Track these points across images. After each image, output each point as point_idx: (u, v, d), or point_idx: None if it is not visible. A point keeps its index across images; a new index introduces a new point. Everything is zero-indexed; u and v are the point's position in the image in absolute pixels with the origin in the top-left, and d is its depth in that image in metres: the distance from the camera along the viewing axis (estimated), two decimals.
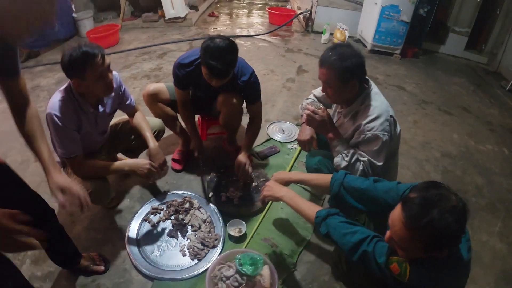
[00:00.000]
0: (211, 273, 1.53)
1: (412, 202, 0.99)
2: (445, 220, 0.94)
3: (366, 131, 1.49)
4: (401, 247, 1.05)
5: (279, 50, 4.48)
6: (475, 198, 2.33)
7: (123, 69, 3.79)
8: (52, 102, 1.52)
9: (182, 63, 1.94)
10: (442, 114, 3.29)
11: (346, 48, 1.52)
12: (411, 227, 0.98)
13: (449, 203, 0.96)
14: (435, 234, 0.96)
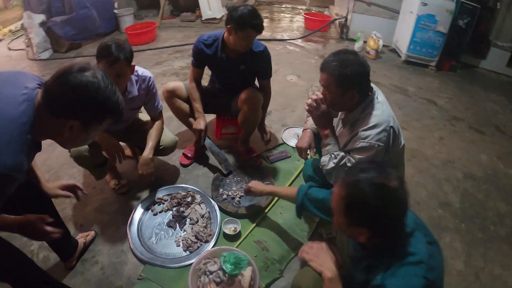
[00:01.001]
0: (196, 266, 1.59)
1: (353, 165, 1.03)
2: (366, 188, 0.93)
3: (361, 139, 1.45)
4: (334, 209, 1.05)
5: (309, 56, 4.46)
6: (495, 226, 2.17)
7: (155, 65, 3.98)
8: None
9: (201, 39, 2.17)
10: (473, 132, 3.11)
11: (350, 55, 1.47)
12: (342, 182, 1.00)
13: (382, 179, 0.94)
14: (353, 197, 0.96)
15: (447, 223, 2.15)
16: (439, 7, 3.79)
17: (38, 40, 4.17)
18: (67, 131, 1.02)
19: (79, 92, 0.97)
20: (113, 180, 2.20)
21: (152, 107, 2.04)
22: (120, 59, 1.66)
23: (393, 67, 4.20)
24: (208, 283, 1.52)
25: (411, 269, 0.95)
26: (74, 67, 1.00)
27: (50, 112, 0.99)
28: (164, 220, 1.97)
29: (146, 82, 1.94)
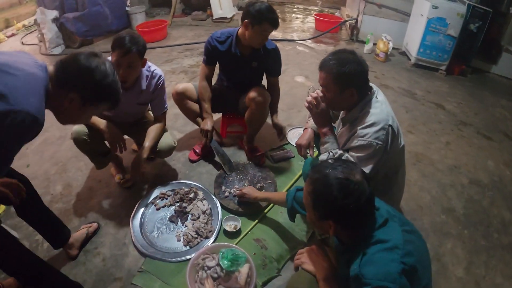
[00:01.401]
0: (194, 261, 1.61)
1: (320, 163, 1.11)
2: (330, 182, 1.01)
3: (359, 137, 1.45)
4: (305, 206, 1.13)
5: (318, 57, 4.44)
6: (498, 234, 2.14)
7: (165, 63, 4.03)
8: None
9: (215, 36, 2.23)
10: (480, 138, 3.06)
11: (348, 54, 1.49)
12: (308, 179, 1.09)
13: (346, 174, 1.01)
14: (318, 191, 1.04)
15: (449, 229, 2.13)
16: (450, 11, 3.74)
17: (50, 35, 4.26)
18: (66, 103, 1.14)
19: (85, 71, 1.13)
20: (118, 174, 2.25)
21: (157, 105, 2.07)
22: (132, 50, 1.73)
23: (403, 70, 4.17)
24: (205, 278, 1.55)
25: (387, 255, 0.98)
26: (87, 51, 1.18)
27: (57, 83, 1.13)
28: (166, 215, 2.01)
29: (156, 79, 1.98)
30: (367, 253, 1.00)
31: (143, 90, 1.95)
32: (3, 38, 4.97)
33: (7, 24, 5.42)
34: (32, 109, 1.00)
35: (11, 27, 5.40)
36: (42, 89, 1.08)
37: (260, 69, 2.31)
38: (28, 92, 1.02)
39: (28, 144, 2.64)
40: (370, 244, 1.02)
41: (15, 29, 5.33)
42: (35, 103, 1.03)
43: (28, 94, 1.02)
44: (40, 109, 1.04)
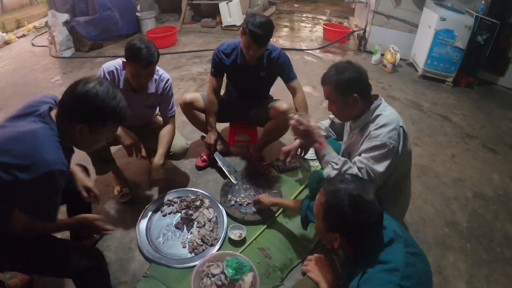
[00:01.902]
0: (199, 268, 1.65)
1: (338, 177, 1.15)
2: (342, 198, 1.04)
3: (373, 138, 1.48)
4: (315, 214, 1.16)
5: (326, 67, 4.30)
6: (501, 248, 2.14)
7: (174, 69, 4.09)
8: (110, 63, 1.97)
9: (221, 49, 2.24)
10: (486, 151, 3.06)
11: (344, 63, 1.56)
12: (323, 190, 1.12)
13: (360, 192, 1.04)
14: (330, 204, 1.07)
15: (452, 242, 2.13)
16: (457, 23, 3.76)
17: (61, 38, 4.35)
18: (78, 134, 1.19)
19: (80, 99, 1.16)
20: (117, 186, 2.25)
21: (165, 109, 2.12)
22: (153, 62, 1.83)
23: (409, 82, 4.19)
24: (209, 285, 1.58)
25: (385, 276, 1.00)
26: (81, 80, 1.19)
27: (65, 120, 1.18)
28: (172, 222, 2.04)
29: (163, 82, 2.05)
30: (367, 272, 1.03)
31: (152, 93, 2.01)
32: (14, 39, 5.06)
33: (18, 24, 5.51)
34: (54, 166, 1.08)
35: (22, 28, 5.49)
36: (52, 137, 1.15)
37: (269, 79, 2.33)
38: (42, 151, 1.09)
39: None
40: (372, 263, 1.05)
41: (26, 30, 5.42)
42: (54, 157, 1.10)
43: (45, 153, 1.09)
44: (60, 159, 1.12)
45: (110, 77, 1.95)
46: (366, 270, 1.04)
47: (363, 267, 1.05)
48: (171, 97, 2.11)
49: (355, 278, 1.05)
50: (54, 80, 3.88)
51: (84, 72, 4.04)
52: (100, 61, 4.24)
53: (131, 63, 1.82)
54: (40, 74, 4.02)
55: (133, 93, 2.00)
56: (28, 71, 4.11)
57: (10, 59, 4.50)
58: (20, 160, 1.06)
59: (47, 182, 1.09)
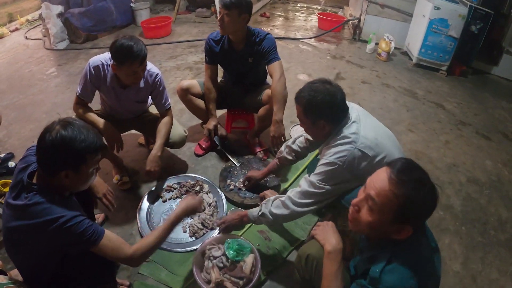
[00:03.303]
0: (201, 251, 1.67)
1: (397, 160, 1.03)
2: (421, 188, 0.96)
3: (324, 156, 1.51)
4: (376, 206, 1.01)
5: (321, 55, 4.50)
6: (495, 231, 2.19)
7: (169, 59, 4.08)
8: (97, 57, 1.92)
9: (211, 37, 2.27)
10: (479, 138, 3.11)
11: (320, 84, 1.50)
12: (394, 179, 0.97)
13: (429, 181, 0.99)
14: (410, 197, 0.95)
15: (447, 225, 2.18)
16: (451, 12, 3.79)
17: (55, 30, 4.29)
18: (66, 180, 1.18)
19: (50, 150, 1.13)
20: (116, 175, 2.26)
21: (159, 103, 2.11)
22: (146, 54, 1.80)
23: (404, 70, 4.22)
24: (211, 267, 1.60)
25: (408, 272, 0.99)
26: (44, 132, 1.16)
27: (49, 174, 1.17)
28: (172, 207, 2.06)
29: (153, 77, 2.02)
30: (393, 262, 1.00)
31: (141, 88, 2.00)
32: (7, 33, 4.98)
33: (10, 18, 5.42)
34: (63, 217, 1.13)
35: (15, 22, 5.40)
36: (45, 210, 1.14)
37: (258, 64, 2.32)
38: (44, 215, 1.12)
39: (34, 138, 2.71)
40: (400, 257, 1.02)
41: (19, 23, 5.34)
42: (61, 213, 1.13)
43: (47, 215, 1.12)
44: (60, 211, 1.14)
45: (95, 72, 1.90)
46: (391, 260, 1.01)
47: (389, 255, 1.02)
48: (163, 91, 2.09)
49: (378, 264, 1.02)
50: (49, 72, 3.85)
51: (80, 64, 4.01)
52: (95, 52, 4.17)
53: (126, 63, 1.76)
54: (34, 67, 3.98)
55: (122, 90, 1.98)
56: (22, 64, 4.07)
57: (4, 53, 4.44)
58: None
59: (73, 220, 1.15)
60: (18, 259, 1.28)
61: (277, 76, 2.13)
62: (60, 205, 1.16)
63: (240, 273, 1.56)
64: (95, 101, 2.06)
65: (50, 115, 3.03)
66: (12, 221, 1.15)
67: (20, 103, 3.29)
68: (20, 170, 1.25)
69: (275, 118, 2.11)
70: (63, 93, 3.43)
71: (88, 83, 1.91)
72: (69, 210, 1.16)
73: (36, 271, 1.26)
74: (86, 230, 1.17)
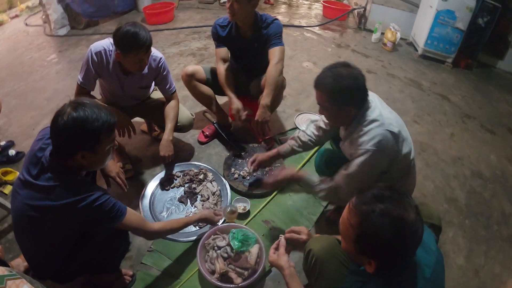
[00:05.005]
0: (205, 240, 1.65)
1: (371, 190, 0.94)
2: (381, 221, 0.87)
3: (358, 146, 1.44)
4: (341, 232, 0.99)
5: (326, 44, 4.43)
6: (498, 226, 2.18)
7: (172, 45, 4.01)
8: (98, 43, 1.86)
9: (217, 22, 2.22)
10: (484, 131, 3.09)
11: (342, 68, 1.43)
12: (353, 209, 0.93)
13: (400, 212, 0.87)
14: (366, 229, 0.89)
15: (451, 218, 2.18)
16: (459, 4, 3.72)
17: (56, 16, 4.20)
18: (83, 161, 1.19)
19: (65, 133, 1.13)
20: (118, 163, 2.21)
21: (164, 88, 2.08)
22: (151, 42, 1.76)
23: (409, 61, 4.17)
24: (215, 257, 1.58)
25: None
26: (56, 115, 1.15)
27: (66, 156, 1.18)
28: (176, 196, 2.04)
29: (156, 62, 1.98)
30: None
31: (145, 74, 1.95)
32: (7, 20, 4.91)
33: (10, 5, 5.33)
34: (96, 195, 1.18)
35: (15, 9, 5.31)
36: (72, 190, 1.16)
37: (263, 49, 2.23)
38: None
39: (35, 126, 2.67)
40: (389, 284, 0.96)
41: (19, 10, 5.25)
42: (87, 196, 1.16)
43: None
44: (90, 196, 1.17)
45: (97, 58, 1.84)
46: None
47: (379, 283, 0.96)
48: (167, 75, 2.06)
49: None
50: (50, 59, 3.79)
51: (81, 50, 3.94)
52: (97, 38, 4.10)
53: (132, 52, 1.72)
54: (35, 54, 3.92)
55: (125, 76, 1.93)
56: (23, 51, 4.01)
57: (4, 40, 4.37)
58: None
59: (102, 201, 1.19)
60: (29, 242, 1.27)
61: (275, 61, 2.07)
62: (84, 185, 1.19)
63: (245, 263, 1.55)
64: (95, 90, 2.01)
65: (51, 102, 2.99)
66: (36, 201, 1.15)
67: (21, 90, 3.23)
68: (38, 149, 1.24)
69: (262, 102, 2.05)
70: (64, 79, 3.38)
71: (90, 71, 1.86)
72: (94, 188, 1.20)
73: (47, 255, 1.26)
74: (114, 206, 1.22)
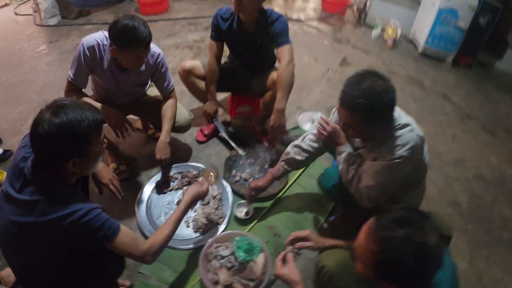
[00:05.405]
0: (207, 249, 1.58)
1: (390, 213, 0.90)
2: (404, 246, 0.83)
3: (389, 151, 1.36)
4: (358, 257, 0.95)
5: (326, 38, 4.34)
6: (499, 230, 2.18)
7: (168, 37, 3.87)
8: (91, 37, 1.71)
9: (219, 13, 2.10)
10: (484, 133, 3.07)
11: (373, 80, 1.27)
12: (372, 234, 0.89)
13: (423, 236, 0.84)
14: (387, 256, 0.85)
15: (454, 223, 2.15)
16: (462, 2, 3.68)
17: (46, 5, 4.02)
18: (75, 169, 1.07)
19: (47, 143, 1.00)
20: (112, 163, 2.10)
21: (162, 86, 1.96)
22: (151, 38, 1.64)
23: (410, 58, 4.11)
24: (218, 267, 1.51)
25: None
26: (35, 122, 1.01)
27: (53, 167, 1.05)
28: (173, 199, 1.95)
29: (154, 58, 1.85)
30: None
31: (142, 71, 1.84)
32: None
33: None
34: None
35: None
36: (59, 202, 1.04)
37: (266, 46, 2.17)
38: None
39: (23, 121, 2.53)
40: None
41: None
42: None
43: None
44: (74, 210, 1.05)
45: (90, 53, 1.70)
46: None
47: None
48: (166, 71, 1.94)
49: None
50: (40, 50, 3.61)
51: (72, 40, 3.76)
52: (89, 29, 3.96)
53: (130, 48, 1.59)
54: (24, 44, 3.74)
55: (120, 73, 1.81)
56: (11, 41, 3.82)
57: None
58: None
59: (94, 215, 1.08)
60: (16, 257, 1.17)
61: (286, 61, 2.00)
62: (72, 197, 1.06)
63: (250, 274, 1.48)
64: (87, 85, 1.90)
65: (40, 96, 2.84)
66: (19, 217, 1.04)
67: (9, 82, 3.08)
68: (21, 159, 1.11)
69: (277, 106, 2.00)
70: (55, 71, 3.22)
71: (82, 67, 1.72)
72: (82, 201, 1.07)
73: (35, 273, 1.16)
74: (104, 224, 1.08)
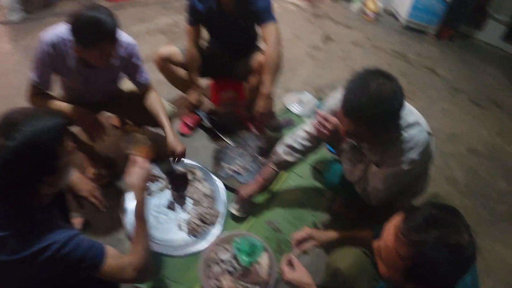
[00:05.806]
0: (207, 255, 1.44)
1: (419, 213, 0.83)
2: (438, 250, 0.78)
3: (399, 154, 1.27)
4: (383, 259, 0.89)
5: (306, 15, 4.18)
6: (496, 204, 2.19)
7: (137, 23, 3.57)
8: (51, 32, 1.51)
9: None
10: (473, 106, 3.06)
11: (379, 83, 1.12)
12: (401, 237, 0.82)
13: (456, 236, 0.78)
14: (419, 260, 0.79)
15: (454, 200, 2.14)
16: None
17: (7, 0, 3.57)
18: (51, 189, 0.96)
19: (7, 172, 0.87)
20: (90, 168, 1.87)
21: (138, 79, 1.74)
22: (117, 29, 1.40)
23: (393, 32, 4.03)
24: (220, 273, 1.39)
25: None
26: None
27: (14, 198, 0.91)
28: (161, 201, 1.78)
29: (125, 49, 1.62)
30: None
31: (113, 65, 1.61)
32: None
33: None
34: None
35: None
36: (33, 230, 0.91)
37: (249, 25, 2.00)
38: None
39: None
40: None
41: None
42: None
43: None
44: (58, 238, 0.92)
45: (51, 51, 1.48)
46: None
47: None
48: (139, 66, 1.72)
49: None
50: (4, 51, 3.18)
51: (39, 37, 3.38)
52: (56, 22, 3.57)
53: (99, 43, 1.37)
54: None
55: (89, 70, 1.58)
56: None
57: None
58: None
59: None
60: None
61: (272, 42, 1.84)
62: (46, 225, 0.93)
63: (256, 277, 1.37)
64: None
65: (8, 101, 2.49)
66: None
67: None
68: None
69: (264, 91, 1.85)
70: (24, 73, 2.84)
71: (45, 66, 1.51)
72: (58, 229, 0.93)
73: None
74: (86, 254, 0.95)
